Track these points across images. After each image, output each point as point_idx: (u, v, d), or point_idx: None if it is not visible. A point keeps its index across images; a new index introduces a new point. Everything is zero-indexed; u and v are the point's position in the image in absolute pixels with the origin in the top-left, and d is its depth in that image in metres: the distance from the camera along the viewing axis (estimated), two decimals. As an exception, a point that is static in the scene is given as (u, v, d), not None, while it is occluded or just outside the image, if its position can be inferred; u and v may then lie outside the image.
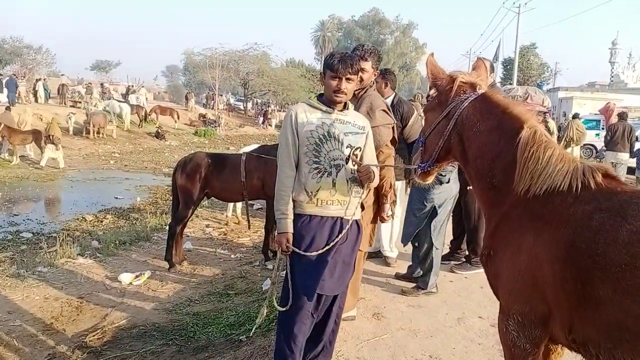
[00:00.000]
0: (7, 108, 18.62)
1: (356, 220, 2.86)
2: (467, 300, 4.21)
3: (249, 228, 6.88)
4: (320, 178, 2.72)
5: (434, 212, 4.23)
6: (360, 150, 2.84)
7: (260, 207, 8.84)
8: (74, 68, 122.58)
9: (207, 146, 25.41)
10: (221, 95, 44.08)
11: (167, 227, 6.25)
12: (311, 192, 2.72)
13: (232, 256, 6.52)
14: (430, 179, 2.38)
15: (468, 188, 4.63)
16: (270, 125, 38.46)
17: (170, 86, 62.95)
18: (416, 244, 4.38)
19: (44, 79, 30.36)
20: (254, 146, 7.73)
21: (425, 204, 4.24)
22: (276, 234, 2.83)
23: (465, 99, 2.09)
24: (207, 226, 8.25)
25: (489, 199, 2.03)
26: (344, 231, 2.75)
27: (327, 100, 2.79)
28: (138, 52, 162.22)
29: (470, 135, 2.05)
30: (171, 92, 54.33)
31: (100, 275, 5.84)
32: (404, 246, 4.79)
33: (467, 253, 5.06)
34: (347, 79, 2.70)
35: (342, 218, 2.77)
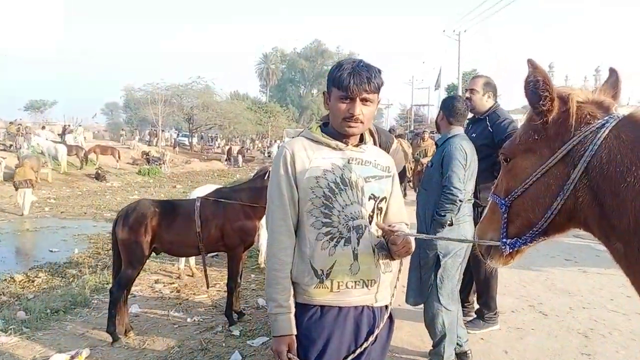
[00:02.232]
0: None
1: (386, 306, 1.98)
2: (492, 373, 3.48)
3: (208, 287, 5.94)
4: (335, 247, 1.83)
5: (437, 263, 3.48)
6: (385, 202, 1.97)
7: (215, 254, 7.91)
8: (6, 109, 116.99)
9: (152, 185, 24.13)
10: (163, 131, 42.73)
11: (109, 292, 5.24)
12: (322, 270, 1.83)
13: (189, 320, 5.56)
14: (515, 261, 1.55)
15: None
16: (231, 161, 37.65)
17: (111, 124, 60.73)
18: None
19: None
20: (207, 187, 6.89)
21: (428, 251, 3.50)
22: (272, 338, 1.90)
23: (601, 128, 1.28)
24: (157, 281, 7.24)
25: None
26: (377, 330, 1.87)
27: (336, 132, 1.92)
28: (75, 91, 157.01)
29: (621, 190, 1.22)
30: (111, 130, 52.24)
31: (27, 359, 4.77)
32: (409, 304, 3.91)
33: (477, 307, 4.32)
34: (364, 100, 1.84)
35: (369, 307, 1.91)
